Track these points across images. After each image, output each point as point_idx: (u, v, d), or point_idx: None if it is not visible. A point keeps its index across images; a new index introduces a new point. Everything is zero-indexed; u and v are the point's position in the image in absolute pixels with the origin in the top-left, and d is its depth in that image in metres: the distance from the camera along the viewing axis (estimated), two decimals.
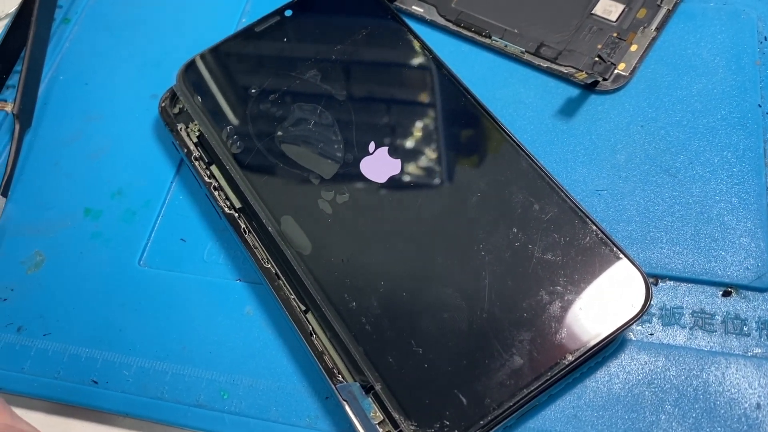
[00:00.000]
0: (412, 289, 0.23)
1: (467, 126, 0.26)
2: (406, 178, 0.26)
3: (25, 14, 0.32)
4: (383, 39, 0.29)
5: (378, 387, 0.22)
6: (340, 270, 0.24)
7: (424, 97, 0.27)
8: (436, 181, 0.25)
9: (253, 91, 0.28)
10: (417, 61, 0.28)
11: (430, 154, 0.26)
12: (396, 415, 0.21)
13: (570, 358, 0.22)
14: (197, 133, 0.28)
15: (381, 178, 0.26)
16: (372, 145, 0.26)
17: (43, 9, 0.33)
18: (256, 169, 0.26)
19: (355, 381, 0.22)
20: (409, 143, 0.26)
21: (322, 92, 0.28)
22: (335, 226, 0.25)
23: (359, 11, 0.30)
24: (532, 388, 0.21)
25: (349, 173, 0.26)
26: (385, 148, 0.26)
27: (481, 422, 0.21)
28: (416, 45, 0.28)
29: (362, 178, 0.26)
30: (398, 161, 0.26)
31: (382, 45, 0.29)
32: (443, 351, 0.22)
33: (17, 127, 0.30)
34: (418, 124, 0.27)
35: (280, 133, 0.27)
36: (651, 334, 0.24)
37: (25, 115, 0.30)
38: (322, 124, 0.27)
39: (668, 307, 0.24)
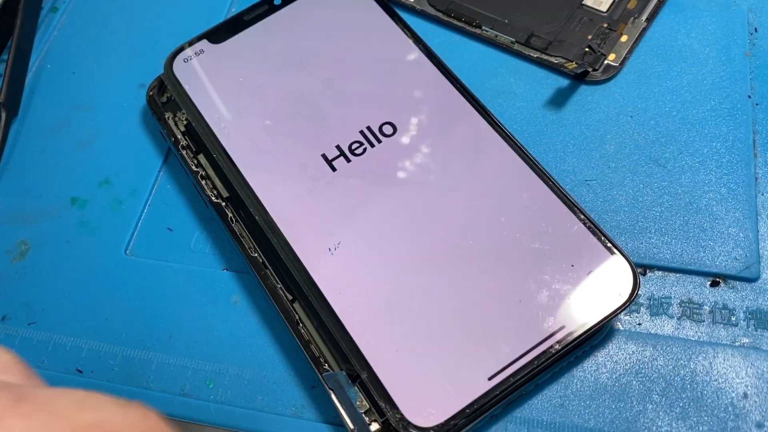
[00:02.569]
0: (399, 278, 0.23)
1: (456, 116, 0.26)
2: (395, 168, 0.25)
3: (12, 2, 0.32)
4: (373, 28, 0.29)
5: (364, 376, 0.22)
6: (327, 259, 0.24)
7: (414, 87, 0.27)
8: (425, 170, 0.25)
9: (241, 79, 0.28)
10: (407, 50, 0.28)
11: (418, 144, 0.26)
12: (382, 404, 0.21)
13: (557, 347, 0.22)
14: (185, 122, 0.28)
15: (369, 167, 0.25)
16: (361, 135, 0.26)
17: None
18: (244, 158, 0.26)
19: (342, 370, 0.22)
20: (398, 133, 0.26)
21: (311, 81, 0.28)
22: (323, 216, 0.25)
23: (348, 0, 0.29)
24: (518, 377, 0.21)
25: (338, 163, 0.26)
26: (375, 138, 0.26)
27: (467, 411, 0.21)
28: (406, 34, 0.28)
29: (350, 167, 0.25)
30: (387, 151, 0.26)
31: (372, 34, 0.29)
32: (429, 339, 0.22)
33: (4, 115, 0.30)
34: (407, 114, 0.27)
35: (268, 122, 0.27)
36: (639, 324, 0.24)
37: (11, 104, 0.30)
38: (310, 114, 0.27)
39: (656, 297, 0.24)
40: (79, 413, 0.14)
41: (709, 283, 0.24)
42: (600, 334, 0.23)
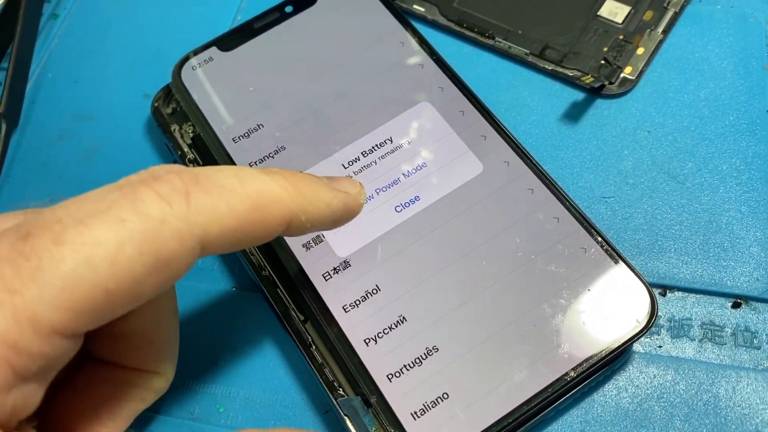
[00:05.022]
0: (412, 300, 0.23)
1: (469, 129, 0.26)
2: (407, 184, 0.25)
3: (12, 9, 0.31)
4: (385, 37, 0.28)
5: (373, 400, 0.21)
6: (337, 277, 0.23)
7: (426, 98, 0.26)
8: (437, 187, 0.25)
9: (252, 89, 0.27)
10: (419, 61, 0.27)
11: (430, 158, 0.25)
12: (391, 431, 0.21)
13: (572, 374, 0.21)
14: (191, 135, 0.27)
15: (381, 181, 0.25)
16: (371, 148, 0.26)
17: (31, 4, 0.31)
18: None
19: (357, 395, 0.22)
20: (411, 146, 0.26)
21: (321, 91, 0.27)
22: (333, 233, 0.24)
23: (361, 8, 0.29)
24: (533, 405, 0.21)
25: (349, 177, 0.25)
26: (387, 151, 0.25)
27: None
28: (418, 45, 0.28)
29: (360, 180, 0.25)
30: (397, 165, 0.25)
31: (384, 43, 0.28)
32: (443, 365, 0.21)
33: (4, 126, 0.29)
34: (421, 127, 0.26)
35: (278, 133, 0.26)
36: (659, 347, 0.23)
37: (11, 114, 0.29)
38: (322, 124, 0.26)
39: (677, 318, 0.24)
40: (243, 185, 0.17)
41: (730, 304, 0.24)
42: (620, 359, 0.22)
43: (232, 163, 0.26)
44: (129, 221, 0.15)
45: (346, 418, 0.21)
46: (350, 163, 0.25)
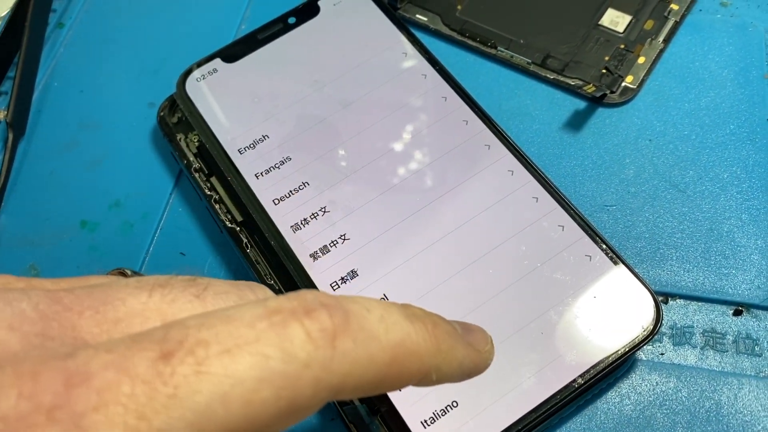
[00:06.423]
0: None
1: (473, 139, 0.26)
2: (411, 193, 0.25)
3: (19, 18, 0.31)
4: (388, 48, 0.28)
5: (384, 409, 0.21)
6: (344, 287, 0.23)
7: (429, 109, 0.27)
8: (442, 196, 0.25)
9: (255, 99, 0.28)
10: (422, 70, 0.28)
11: (435, 168, 0.25)
12: None
13: (579, 381, 0.21)
14: (197, 144, 0.28)
15: (386, 192, 0.25)
16: (377, 158, 0.26)
17: (37, 13, 0.32)
18: (259, 181, 0.26)
19: (362, 403, 0.22)
20: (414, 156, 0.26)
21: (325, 101, 0.27)
22: (340, 241, 0.24)
23: (363, 19, 0.29)
24: (541, 412, 0.21)
25: (354, 186, 0.25)
26: (391, 161, 0.26)
27: None
28: (421, 54, 0.28)
29: (367, 190, 0.25)
30: (403, 174, 0.25)
31: (387, 53, 0.28)
32: None
33: (10, 135, 0.29)
34: (423, 137, 0.26)
35: (283, 144, 0.26)
36: (661, 354, 0.24)
37: (18, 123, 0.30)
38: (325, 134, 0.27)
39: (679, 326, 0.24)
40: (387, 333, 0.14)
41: (731, 312, 0.24)
42: (623, 366, 0.23)
43: (238, 174, 0.26)
44: (273, 359, 0.13)
45: (351, 425, 0.22)
46: (356, 172, 0.26)
